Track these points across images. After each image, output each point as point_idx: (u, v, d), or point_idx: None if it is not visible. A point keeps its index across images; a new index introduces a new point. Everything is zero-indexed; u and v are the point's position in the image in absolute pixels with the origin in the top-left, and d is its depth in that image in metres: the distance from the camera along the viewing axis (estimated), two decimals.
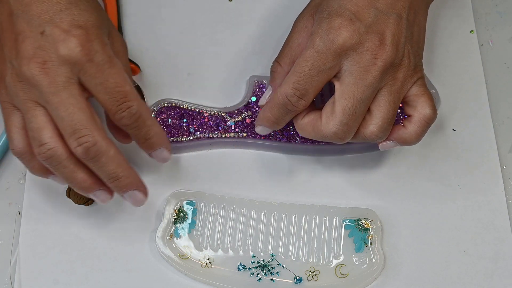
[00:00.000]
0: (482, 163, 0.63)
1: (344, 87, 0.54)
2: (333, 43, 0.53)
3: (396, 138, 0.57)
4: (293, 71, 0.55)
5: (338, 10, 0.54)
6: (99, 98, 0.53)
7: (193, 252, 0.60)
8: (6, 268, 0.60)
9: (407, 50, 0.55)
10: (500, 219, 0.61)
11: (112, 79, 0.53)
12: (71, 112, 0.51)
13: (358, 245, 0.60)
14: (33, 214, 0.61)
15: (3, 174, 0.63)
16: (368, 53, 0.53)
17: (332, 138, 0.55)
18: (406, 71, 0.55)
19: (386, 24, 0.54)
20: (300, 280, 0.59)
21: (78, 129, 0.51)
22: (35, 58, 0.51)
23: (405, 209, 0.62)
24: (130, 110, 0.53)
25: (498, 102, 0.66)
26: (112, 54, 0.53)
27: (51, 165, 0.53)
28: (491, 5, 0.70)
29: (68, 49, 0.51)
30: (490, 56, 0.68)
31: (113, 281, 0.59)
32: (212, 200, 0.61)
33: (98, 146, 0.52)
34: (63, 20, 0.52)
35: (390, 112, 0.55)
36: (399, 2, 0.55)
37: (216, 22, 0.68)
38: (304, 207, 0.61)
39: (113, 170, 0.53)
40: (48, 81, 0.51)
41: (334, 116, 0.54)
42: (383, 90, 0.55)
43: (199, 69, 0.66)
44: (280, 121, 0.57)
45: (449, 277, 0.60)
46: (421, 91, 0.56)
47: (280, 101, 0.56)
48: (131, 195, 0.56)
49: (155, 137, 0.56)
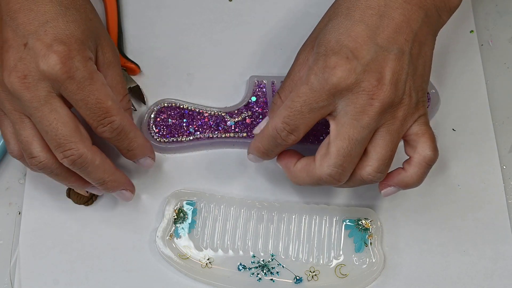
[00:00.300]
0: (482, 163, 0.63)
1: (340, 127, 0.52)
2: (327, 82, 0.51)
3: (397, 183, 0.55)
4: (285, 105, 0.53)
5: (335, 47, 0.51)
6: (80, 112, 0.53)
7: (193, 252, 0.60)
8: (6, 268, 0.60)
9: (408, 87, 0.52)
10: (500, 219, 0.61)
11: (93, 96, 0.52)
12: (54, 126, 0.52)
13: (358, 245, 0.60)
14: (33, 214, 0.61)
15: (3, 174, 0.63)
16: (364, 93, 0.51)
17: (328, 180, 0.53)
18: (406, 109, 0.53)
19: (386, 61, 0.51)
20: (300, 280, 0.59)
21: (62, 143, 0.52)
22: (15, 72, 0.51)
23: (405, 209, 0.62)
24: (112, 125, 0.54)
25: (498, 102, 0.66)
26: (93, 70, 0.53)
27: (44, 173, 0.55)
28: (491, 5, 0.70)
29: (47, 66, 0.51)
30: (490, 56, 0.68)
31: (113, 281, 0.59)
32: (212, 200, 0.61)
33: (84, 158, 0.53)
34: (47, 32, 0.51)
35: (388, 152, 0.53)
36: (401, 35, 0.52)
37: (216, 22, 0.68)
38: (304, 207, 0.61)
39: (100, 176, 0.55)
40: (29, 96, 0.51)
41: (329, 158, 0.53)
42: (381, 130, 0.53)
43: (199, 69, 0.66)
44: (270, 152, 0.56)
45: (449, 277, 0.60)
46: (422, 130, 0.54)
47: (270, 133, 0.54)
48: (118, 194, 0.58)
49: (138, 149, 0.57)
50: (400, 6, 0.53)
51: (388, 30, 0.52)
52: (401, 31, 0.52)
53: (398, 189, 0.56)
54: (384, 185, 0.56)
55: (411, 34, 0.52)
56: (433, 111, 0.64)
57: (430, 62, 0.55)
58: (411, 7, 0.53)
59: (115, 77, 0.57)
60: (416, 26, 0.53)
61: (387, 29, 0.52)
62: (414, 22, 0.53)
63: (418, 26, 0.53)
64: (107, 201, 0.62)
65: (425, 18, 0.54)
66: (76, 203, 0.61)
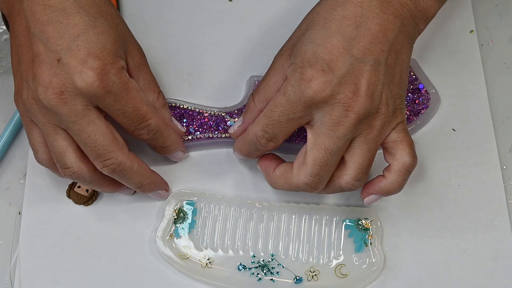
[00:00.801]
0: (482, 163, 0.63)
1: (316, 137, 0.53)
2: (303, 95, 0.52)
3: (378, 191, 0.56)
4: (264, 114, 0.54)
5: (311, 59, 0.52)
6: (117, 121, 0.55)
7: (193, 252, 0.60)
8: (6, 268, 0.60)
9: (384, 96, 0.53)
10: (500, 219, 0.61)
11: (130, 105, 0.54)
12: (93, 138, 0.53)
13: (358, 245, 0.60)
14: (33, 214, 0.61)
15: (3, 174, 0.63)
16: (339, 105, 0.52)
17: (304, 188, 0.55)
18: (383, 118, 0.53)
19: (362, 72, 0.52)
20: (300, 280, 0.59)
21: (102, 153, 0.53)
22: (52, 88, 0.51)
23: (405, 209, 0.62)
24: (148, 128, 0.56)
25: (498, 102, 0.66)
26: (128, 79, 0.54)
27: (78, 182, 0.57)
28: (491, 5, 0.70)
29: (85, 83, 0.51)
30: (490, 56, 0.68)
31: (113, 281, 0.59)
32: (212, 200, 0.61)
33: (123, 166, 0.55)
34: (80, 47, 0.51)
35: (365, 161, 0.54)
36: (377, 45, 0.53)
37: (216, 22, 0.68)
38: (304, 207, 0.61)
39: (138, 181, 0.57)
40: (67, 111, 0.52)
41: (305, 167, 0.54)
42: (357, 139, 0.53)
43: (199, 69, 0.66)
44: (251, 154, 0.58)
45: (449, 277, 0.60)
46: (400, 137, 0.55)
47: (250, 139, 0.56)
48: (154, 194, 0.60)
49: (171, 145, 0.59)
50: (376, 16, 0.53)
51: (364, 41, 0.52)
52: (377, 42, 0.53)
53: (380, 196, 0.57)
54: (365, 193, 0.57)
55: (387, 44, 0.53)
56: (433, 111, 0.64)
57: (407, 69, 0.56)
58: (387, 17, 0.53)
59: (147, 77, 0.58)
60: (392, 35, 0.53)
61: (363, 40, 0.52)
62: (390, 32, 0.53)
63: (394, 35, 0.54)
64: (107, 201, 0.62)
65: (402, 27, 0.54)
66: (76, 203, 0.61)
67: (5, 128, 0.64)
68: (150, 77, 0.59)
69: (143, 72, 0.58)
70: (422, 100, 0.64)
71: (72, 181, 0.62)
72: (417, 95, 0.64)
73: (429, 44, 0.68)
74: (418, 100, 0.64)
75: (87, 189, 0.61)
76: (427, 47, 0.68)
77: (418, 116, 0.64)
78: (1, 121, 0.65)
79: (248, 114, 0.58)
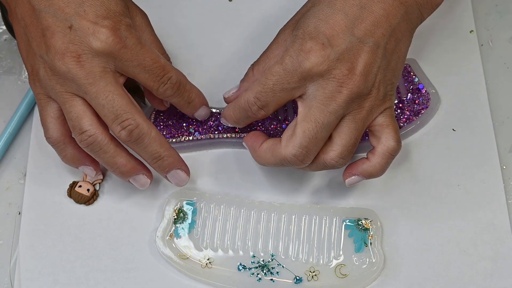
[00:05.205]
0: (482, 163, 0.63)
1: (307, 110, 0.54)
2: (300, 65, 0.53)
3: (360, 172, 0.57)
4: (259, 81, 0.55)
5: (313, 32, 0.53)
6: (139, 78, 0.55)
7: (193, 252, 0.60)
8: (6, 268, 0.60)
9: (378, 80, 0.54)
10: (500, 219, 0.61)
11: (148, 57, 0.55)
12: (110, 99, 0.53)
13: (358, 245, 0.60)
14: (33, 214, 0.61)
15: (3, 174, 0.63)
16: (334, 80, 0.53)
17: (292, 160, 0.55)
18: (373, 100, 0.54)
19: (360, 52, 0.53)
20: (300, 280, 0.59)
21: (120, 114, 0.54)
22: (69, 53, 0.53)
23: (405, 209, 0.62)
24: (171, 80, 0.56)
25: (498, 102, 0.66)
26: (138, 35, 0.55)
27: (92, 151, 0.56)
28: (491, 5, 0.70)
29: (100, 41, 0.53)
30: (490, 56, 0.68)
31: (113, 281, 0.59)
32: (212, 200, 0.61)
33: (140, 128, 0.54)
34: (87, 12, 0.53)
35: (352, 140, 0.55)
36: (379, 29, 0.54)
37: (216, 22, 0.68)
38: (304, 207, 0.61)
39: (156, 150, 0.56)
40: (84, 73, 0.53)
41: (294, 138, 0.54)
42: (347, 118, 0.54)
43: (199, 69, 0.66)
44: (240, 122, 0.58)
45: (449, 277, 0.60)
46: (387, 122, 0.56)
47: (242, 105, 0.56)
48: (174, 175, 0.58)
49: (196, 98, 0.60)
50: (381, 0, 0.54)
51: (367, 22, 0.53)
52: (379, 25, 0.54)
53: (362, 178, 0.58)
54: (348, 174, 0.58)
55: (389, 29, 0.54)
56: (433, 111, 0.64)
57: (403, 58, 0.57)
58: (392, 2, 0.54)
59: (149, 37, 0.59)
60: (395, 21, 0.54)
61: (366, 21, 0.53)
62: (393, 18, 0.54)
63: (397, 22, 0.55)
64: (107, 201, 0.62)
65: (405, 15, 0.55)
66: (77, 203, 0.61)
67: (5, 128, 0.64)
68: (152, 37, 0.60)
69: (146, 31, 0.59)
70: (422, 100, 0.64)
71: (73, 180, 0.62)
72: (417, 95, 0.64)
73: (429, 44, 0.68)
74: (418, 100, 0.64)
75: (88, 189, 0.61)
76: (427, 47, 0.68)
77: (418, 116, 0.64)
78: (1, 121, 0.65)
79: (245, 83, 0.59)
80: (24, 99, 0.65)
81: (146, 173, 0.58)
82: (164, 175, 0.58)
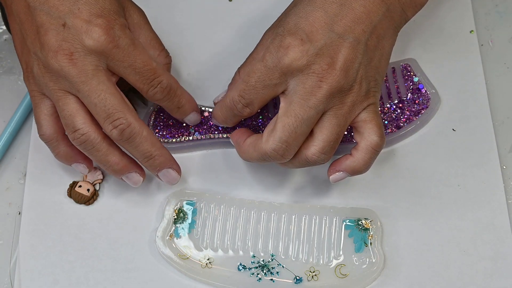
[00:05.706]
0: (482, 163, 0.63)
1: (288, 105, 0.54)
2: (280, 61, 0.53)
3: (345, 169, 0.57)
4: (242, 79, 0.56)
5: (292, 28, 0.54)
6: (129, 79, 0.55)
7: (193, 252, 0.60)
8: (6, 268, 0.60)
9: (360, 75, 0.54)
10: (500, 219, 0.61)
11: (139, 59, 0.55)
12: (102, 98, 0.54)
13: (358, 245, 0.60)
14: (33, 214, 0.61)
15: (3, 174, 0.63)
16: (314, 75, 0.53)
17: (272, 155, 0.55)
18: (355, 96, 0.54)
19: (340, 48, 0.53)
20: (300, 280, 0.59)
21: (111, 113, 0.54)
22: (62, 51, 0.53)
23: (405, 209, 0.62)
24: (161, 85, 0.56)
25: (498, 102, 0.66)
26: (132, 35, 0.55)
27: (85, 149, 0.56)
28: (491, 5, 0.70)
29: (93, 40, 0.53)
30: (490, 56, 0.68)
31: (113, 281, 0.59)
32: (212, 200, 0.61)
33: (132, 127, 0.55)
34: (81, 10, 0.53)
35: (333, 135, 0.55)
36: (359, 25, 0.54)
37: (216, 22, 0.68)
38: (304, 207, 0.61)
39: (147, 149, 0.56)
40: (77, 72, 0.53)
41: (275, 133, 0.54)
42: (328, 113, 0.54)
43: (199, 69, 0.66)
44: (228, 120, 0.59)
45: (449, 277, 0.60)
46: (370, 117, 0.56)
47: (227, 104, 0.57)
48: (165, 174, 0.58)
49: (187, 104, 0.60)
50: None
51: (346, 19, 0.54)
52: (359, 22, 0.54)
53: (346, 174, 0.57)
54: (332, 170, 0.58)
55: (369, 26, 0.54)
56: (433, 111, 0.64)
57: (387, 55, 0.57)
58: (373, 0, 0.55)
59: (148, 34, 0.59)
60: (376, 19, 0.55)
61: (346, 18, 0.54)
62: (374, 15, 0.55)
63: (378, 19, 0.55)
64: (107, 201, 0.62)
65: (387, 12, 0.55)
66: (77, 203, 0.61)
67: (5, 128, 0.64)
68: (151, 35, 0.60)
69: (143, 30, 0.59)
70: (422, 100, 0.64)
71: (73, 180, 0.62)
72: (417, 95, 0.64)
73: (429, 44, 0.68)
74: (418, 100, 0.64)
75: (88, 189, 0.61)
76: (427, 47, 0.68)
77: (418, 116, 0.64)
78: (1, 121, 0.65)
79: (232, 86, 0.59)
80: (24, 99, 0.65)
81: (138, 171, 0.58)
82: (155, 173, 0.58)
